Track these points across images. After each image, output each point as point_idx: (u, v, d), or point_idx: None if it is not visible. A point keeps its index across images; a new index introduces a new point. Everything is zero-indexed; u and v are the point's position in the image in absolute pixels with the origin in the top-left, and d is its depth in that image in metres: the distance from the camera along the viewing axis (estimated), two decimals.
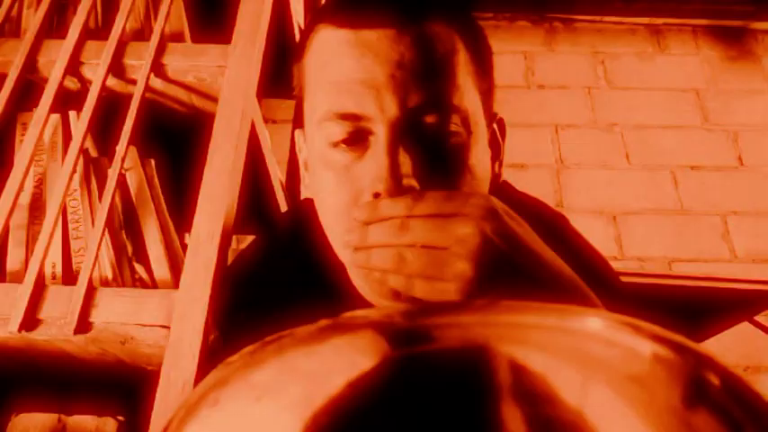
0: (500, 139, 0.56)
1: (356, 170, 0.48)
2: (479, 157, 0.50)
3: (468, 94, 0.49)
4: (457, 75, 0.48)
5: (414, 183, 0.46)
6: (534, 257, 0.43)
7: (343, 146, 0.48)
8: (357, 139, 0.47)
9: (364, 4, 0.49)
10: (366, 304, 0.51)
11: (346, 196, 0.48)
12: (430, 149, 0.47)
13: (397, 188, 0.45)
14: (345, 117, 0.47)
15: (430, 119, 0.47)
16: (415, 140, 0.46)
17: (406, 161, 0.45)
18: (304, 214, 0.58)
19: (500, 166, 0.57)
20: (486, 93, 0.53)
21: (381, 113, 0.46)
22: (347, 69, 0.47)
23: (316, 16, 0.52)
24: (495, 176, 0.56)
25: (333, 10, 0.50)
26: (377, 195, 0.46)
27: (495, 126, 0.56)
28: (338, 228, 0.50)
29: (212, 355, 0.59)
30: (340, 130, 0.47)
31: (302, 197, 0.57)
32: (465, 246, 0.41)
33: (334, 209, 0.49)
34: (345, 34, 0.48)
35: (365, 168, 0.47)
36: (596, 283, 0.49)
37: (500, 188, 0.61)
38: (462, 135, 0.48)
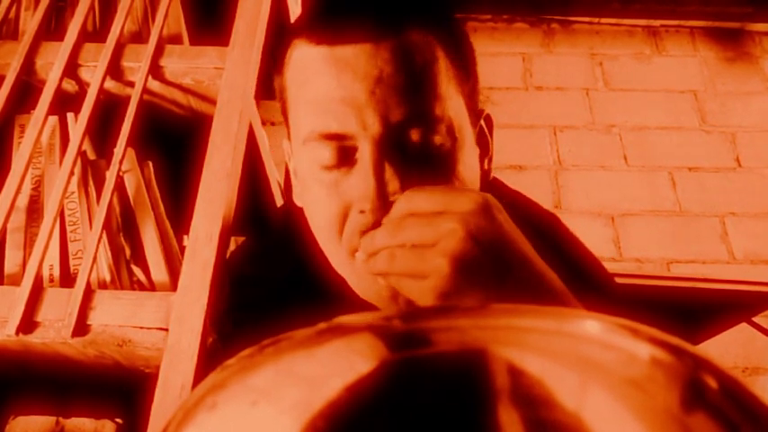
0: (488, 135, 0.56)
1: (344, 185, 0.48)
2: (467, 162, 0.50)
3: (451, 102, 0.48)
4: (438, 84, 0.47)
5: None
6: (518, 256, 0.42)
7: (332, 166, 0.48)
8: (344, 157, 0.48)
9: (339, 18, 0.48)
10: (357, 305, 0.51)
11: (336, 209, 0.49)
12: (416, 163, 0.46)
13: (383, 207, 0.45)
14: (329, 137, 0.47)
15: (414, 133, 0.46)
16: (400, 156, 0.46)
17: (392, 178, 0.46)
18: (294, 215, 0.58)
19: (489, 161, 0.56)
20: (470, 94, 0.52)
21: (364, 131, 0.46)
22: (326, 88, 0.46)
23: (292, 30, 0.51)
24: (485, 173, 0.55)
25: (308, 25, 0.50)
26: (362, 212, 0.47)
27: (482, 122, 0.55)
28: (329, 238, 0.50)
29: (210, 357, 0.59)
30: (327, 153, 0.47)
31: (294, 204, 0.57)
32: (448, 242, 0.40)
33: (325, 220, 0.50)
34: (322, 51, 0.47)
35: (353, 183, 0.47)
36: (587, 284, 0.49)
37: (491, 185, 0.61)
38: (447, 144, 0.47)
